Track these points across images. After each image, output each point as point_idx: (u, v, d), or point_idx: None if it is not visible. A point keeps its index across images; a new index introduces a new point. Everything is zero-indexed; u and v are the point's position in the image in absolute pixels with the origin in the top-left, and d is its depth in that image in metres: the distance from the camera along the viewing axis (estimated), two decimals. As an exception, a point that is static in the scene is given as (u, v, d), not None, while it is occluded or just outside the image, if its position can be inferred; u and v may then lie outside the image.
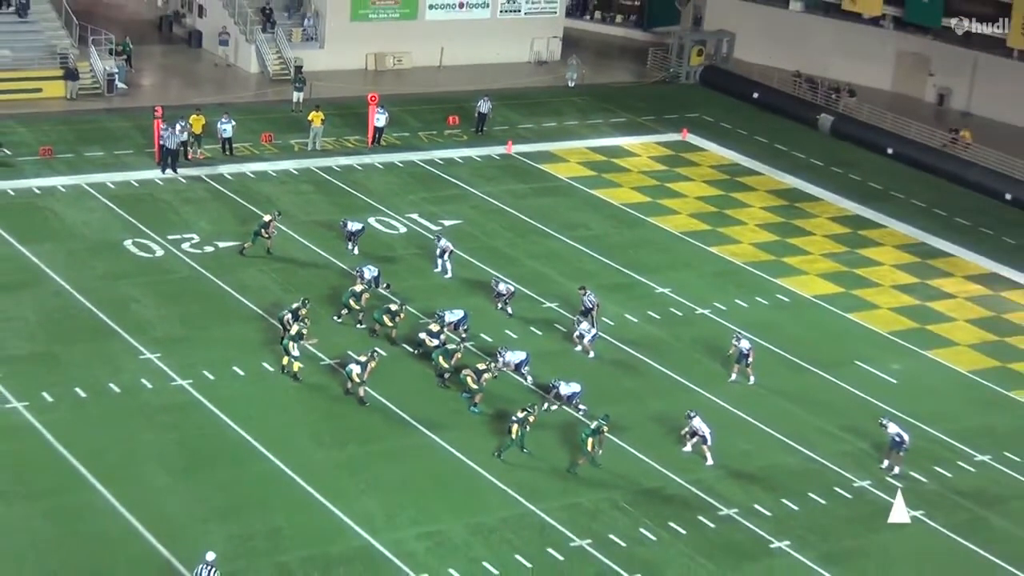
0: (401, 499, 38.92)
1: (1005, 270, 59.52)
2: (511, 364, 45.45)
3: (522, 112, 72.72)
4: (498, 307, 50.14)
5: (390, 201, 59.59)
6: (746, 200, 64.49)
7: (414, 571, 35.88)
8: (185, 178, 59.74)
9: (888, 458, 43.18)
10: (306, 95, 69.46)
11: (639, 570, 36.87)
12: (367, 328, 47.49)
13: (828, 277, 56.94)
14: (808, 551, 38.63)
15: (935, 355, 51.19)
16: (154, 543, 35.91)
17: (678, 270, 55.82)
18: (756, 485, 41.51)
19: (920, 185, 68.37)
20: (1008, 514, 41.65)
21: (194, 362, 44.89)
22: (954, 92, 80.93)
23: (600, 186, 64.29)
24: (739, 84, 79.93)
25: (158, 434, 40.98)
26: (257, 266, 52.04)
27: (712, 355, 48.83)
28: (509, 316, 49.80)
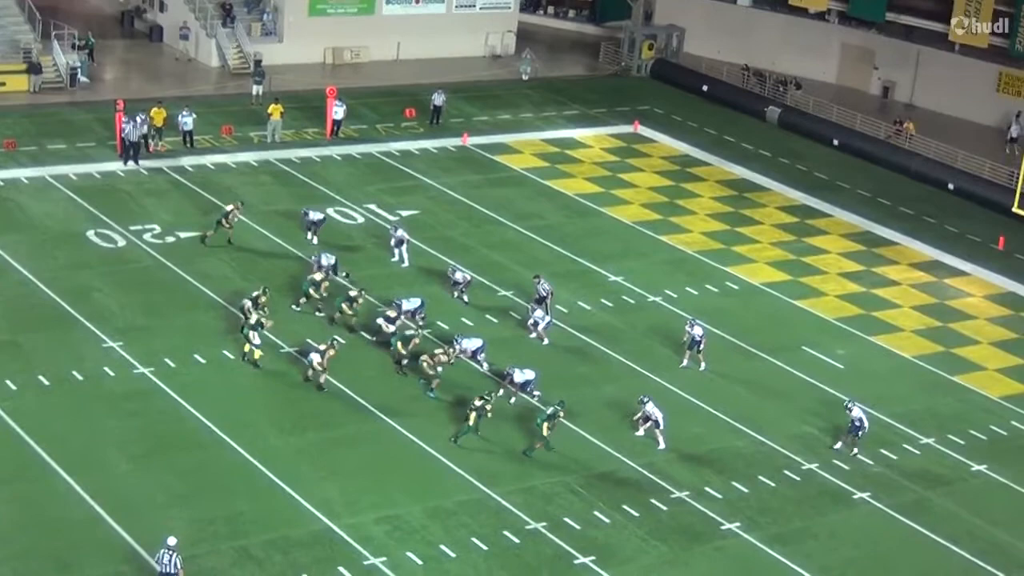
0: (360, 484, 38.78)
1: (948, 257, 59.71)
2: (468, 351, 45.22)
3: (477, 105, 72.58)
4: (454, 295, 49.96)
5: (348, 192, 59.37)
6: (696, 190, 64.51)
7: (373, 554, 35.75)
8: (147, 170, 59.39)
9: (843, 440, 43.24)
10: (265, 88, 69.19)
11: (593, 552, 36.82)
12: (326, 316, 47.24)
13: (776, 265, 57.01)
14: (757, 532, 38.65)
15: (880, 340, 51.31)
16: (116, 528, 35.66)
17: (630, 259, 55.79)
18: (707, 468, 41.51)
19: (865, 175, 68.53)
20: (951, 495, 41.78)
21: (156, 350, 44.60)
22: (898, 85, 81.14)
23: (554, 177, 64.20)
24: (689, 77, 79.94)
25: (120, 421, 40.73)
26: (218, 255, 51.79)
27: (664, 341, 48.82)
28: (465, 304, 49.64)
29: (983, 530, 39.99)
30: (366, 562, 35.48)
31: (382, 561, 35.56)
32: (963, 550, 39.01)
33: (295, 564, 35.05)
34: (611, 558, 36.76)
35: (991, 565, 38.47)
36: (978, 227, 62.82)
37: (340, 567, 35.15)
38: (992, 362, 50.50)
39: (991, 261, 59.46)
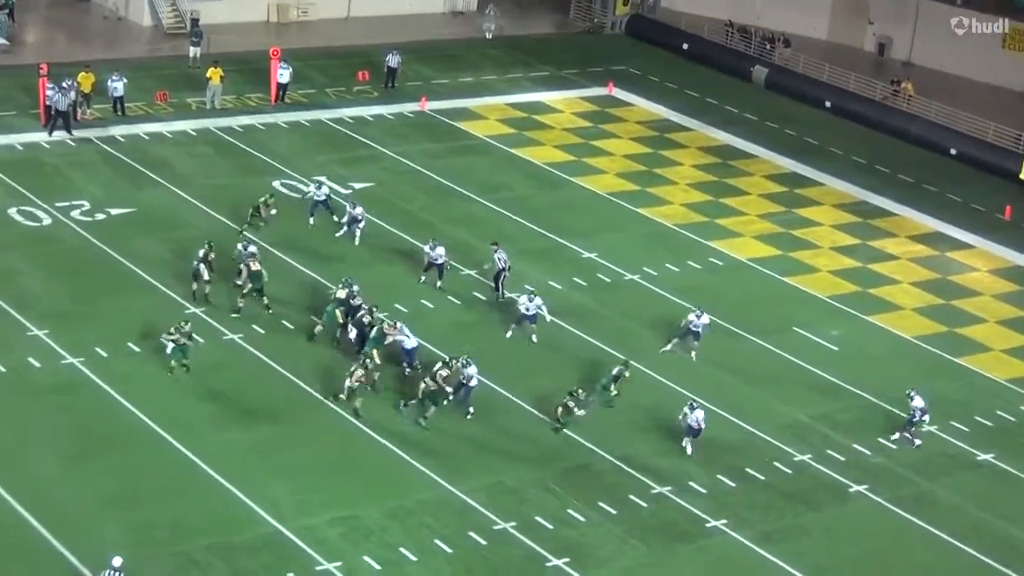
0: (312, 483, 38.81)
1: (951, 229, 60.03)
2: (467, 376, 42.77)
3: (436, 66, 72.55)
4: (422, 277, 49.86)
5: (296, 163, 59.32)
6: (676, 158, 64.67)
7: (326, 559, 35.79)
8: (74, 141, 59.21)
9: (902, 433, 43.70)
10: (204, 50, 68.98)
11: (567, 554, 36.95)
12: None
13: (764, 239, 57.23)
14: (746, 530, 38.83)
15: (878, 320, 51.57)
16: (45, 535, 35.58)
17: (605, 233, 55.89)
18: (690, 461, 41.65)
19: (860, 140, 68.80)
20: (955, 487, 42.04)
21: (86, 338, 44.53)
22: (895, 41, 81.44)
23: (521, 145, 64.27)
24: (668, 34, 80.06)
25: (48, 416, 40.68)
26: (152, 235, 51.73)
27: (641, 323, 48.96)
28: (436, 288, 49.67)
29: (990, 524, 40.25)
30: (319, 567, 35.53)
31: (336, 566, 35.62)
32: (969, 547, 39.26)
33: (241, 571, 35.08)
34: (586, 560, 36.89)
35: (999, 563, 38.75)
36: (983, 196, 63.17)
37: (290, 573, 35.16)
38: (998, 342, 50.83)
39: (997, 232, 59.83)
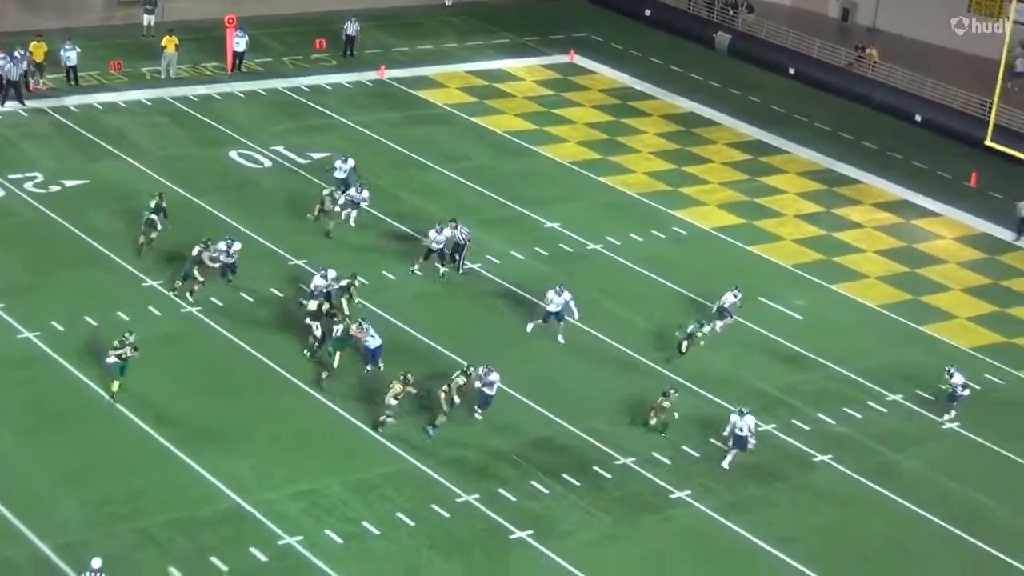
0: (273, 457, 38.88)
1: (916, 197, 60.28)
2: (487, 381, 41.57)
3: (395, 34, 72.46)
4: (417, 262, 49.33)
5: (253, 133, 59.28)
6: (639, 126, 64.80)
7: (288, 533, 35.88)
8: (26, 111, 59.05)
9: (949, 409, 44.16)
10: (158, 18, 68.70)
11: (530, 526, 37.13)
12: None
13: (728, 207, 57.41)
14: (710, 500, 39.05)
15: (843, 289, 51.83)
16: (2, 511, 35.57)
17: (567, 202, 55.99)
18: (654, 432, 41.85)
19: (824, 107, 69.00)
20: (921, 456, 42.34)
21: (41, 312, 44.48)
22: (859, 7, 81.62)
23: (482, 113, 64.30)
24: (630, 0, 79.98)
25: (3, 391, 40.64)
26: (107, 206, 51.68)
27: (604, 293, 49.12)
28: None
29: (956, 493, 40.56)
30: (280, 542, 35.63)
31: (298, 540, 35.72)
32: (935, 516, 39.54)
33: (202, 546, 35.15)
34: (550, 532, 37.08)
35: (965, 532, 39.03)
36: (948, 163, 63.43)
37: (252, 548, 35.29)
38: (964, 310, 51.13)
39: (962, 200, 60.08)
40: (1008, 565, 38.01)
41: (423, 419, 40.40)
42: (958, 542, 38.74)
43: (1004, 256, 55.86)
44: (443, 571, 35.54)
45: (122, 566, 34.09)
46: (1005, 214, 58.65)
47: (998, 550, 38.49)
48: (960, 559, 38.18)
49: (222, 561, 34.78)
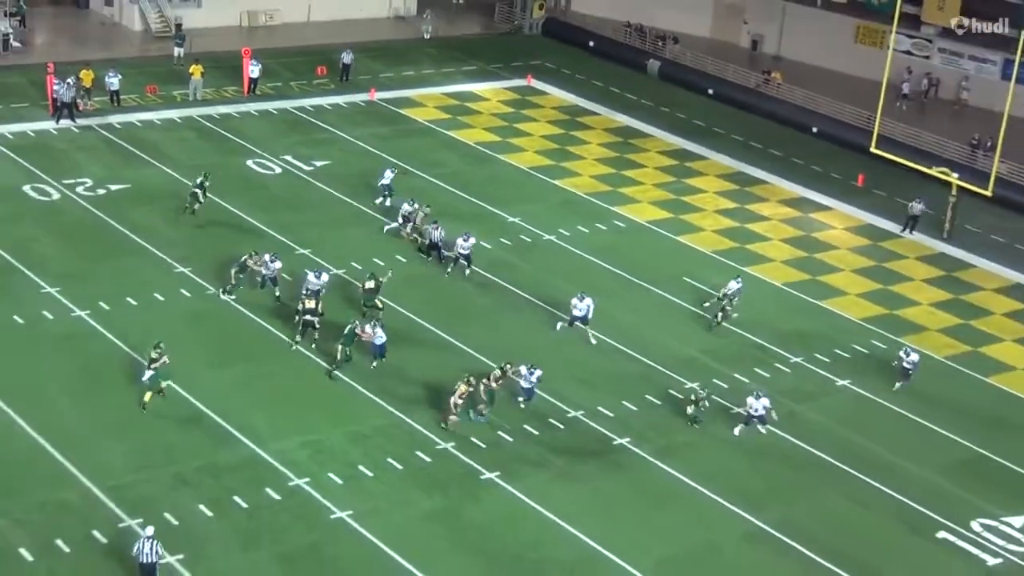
0: (284, 413, 38.79)
1: (813, 194, 60.29)
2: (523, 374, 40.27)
3: (383, 62, 72.17)
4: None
5: (266, 145, 59.00)
6: (585, 138, 64.67)
7: (297, 476, 35.84)
8: (77, 128, 58.73)
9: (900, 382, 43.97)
10: (186, 50, 68.33)
11: (498, 468, 37.11)
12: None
13: (659, 204, 57.35)
14: (646, 446, 39.07)
15: (753, 270, 51.81)
16: (59, 459, 35.52)
17: (527, 202, 55.87)
18: (599, 390, 41.84)
19: (737, 121, 68.95)
20: (819, 408, 42.41)
21: (91, 294, 44.25)
22: (766, 38, 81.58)
23: (455, 128, 64.10)
24: (577, 34, 79.85)
25: (60, 360, 40.47)
26: (146, 206, 51.48)
27: (556, 274, 49.05)
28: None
29: (847, 438, 40.65)
30: (291, 483, 35.58)
31: (306, 482, 35.68)
32: (829, 456, 39.67)
33: (227, 487, 35.10)
34: (514, 473, 37.08)
35: (853, 469, 39.18)
36: (839, 166, 63.43)
37: (268, 488, 35.23)
38: (853, 288, 51.21)
39: (851, 197, 60.10)
40: (887, 494, 38.16)
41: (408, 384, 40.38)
42: (848, 477, 38.85)
43: (886, 243, 55.91)
44: (426, 505, 35.49)
45: (161, 503, 34.10)
46: (887, 208, 58.73)
47: (879, 483, 38.62)
48: (850, 493, 38.25)
49: (243, 500, 34.73)
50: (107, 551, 32.42)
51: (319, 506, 34.93)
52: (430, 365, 41.92)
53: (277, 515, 34.41)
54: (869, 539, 36.18)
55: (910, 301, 50.62)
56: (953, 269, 53.92)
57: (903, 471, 39.33)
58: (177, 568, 31.93)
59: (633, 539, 34.99)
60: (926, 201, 56.64)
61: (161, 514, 33.68)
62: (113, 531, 33.04)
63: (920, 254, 55.03)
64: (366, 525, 34.34)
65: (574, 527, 35.15)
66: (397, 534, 34.12)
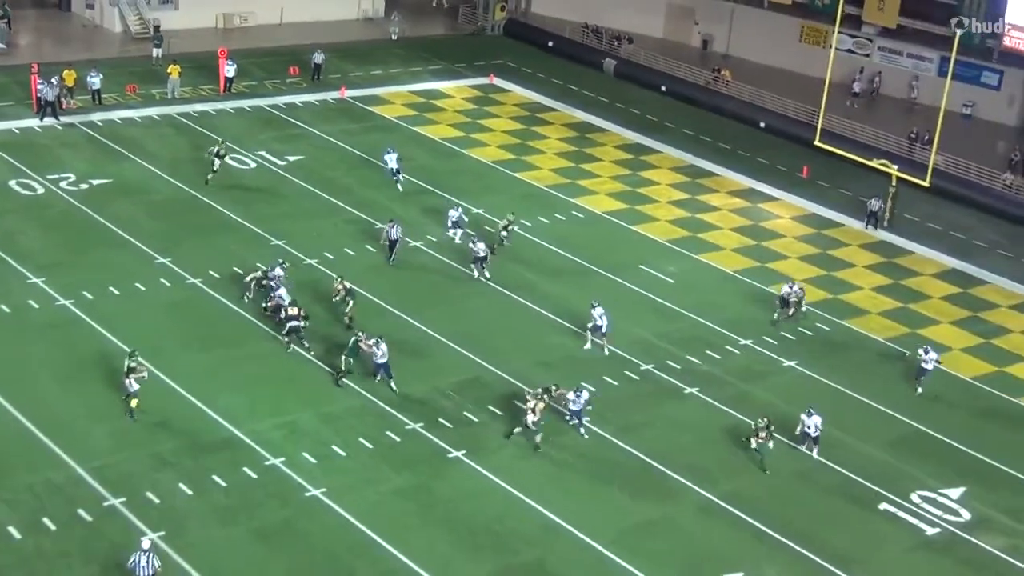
0: (259, 395, 38.65)
1: (761, 185, 60.42)
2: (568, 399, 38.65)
3: (353, 62, 71.92)
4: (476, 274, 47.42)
5: (241, 141, 58.67)
6: (545, 133, 64.61)
7: (272, 455, 35.72)
8: (61, 125, 58.34)
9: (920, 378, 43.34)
10: (164, 51, 67.98)
11: (464, 447, 37.09)
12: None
13: (615, 196, 57.35)
14: (605, 425, 39.08)
15: (705, 258, 51.90)
16: (45, 440, 35.34)
17: (490, 194, 55.78)
18: (559, 372, 41.75)
19: (689, 116, 69.02)
20: (767, 388, 42.51)
21: (75, 284, 43.98)
22: (715, 38, 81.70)
23: (421, 124, 63.94)
24: (537, 35, 79.80)
25: (45, 347, 40.22)
26: (127, 200, 51.24)
27: (517, 261, 48.98)
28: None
29: (793, 416, 40.68)
30: (267, 462, 35.45)
31: (281, 461, 35.56)
32: (777, 433, 39.65)
33: (205, 466, 34.97)
34: (480, 451, 37.05)
35: (798, 443, 39.19)
36: (785, 159, 63.57)
37: (244, 467, 35.10)
38: (799, 274, 51.21)
39: (797, 187, 60.26)
40: (832, 468, 38.30)
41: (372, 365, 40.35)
42: (794, 454, 38.93)
43: (829, 231, 56.07)
44: (396, 482, 35.44)
45: (142, 482, 33.96)
46: (831, 198, 58.91)
47: (824, 458, 38.71)
48: (796, 467, 38.36)
49: (221, 478, 34.61)
50: (91, 528, 32.27)
51: (294, 484, 34.81)
52: (399, 349, 41.79)
53: (253, 492, 34.29)
54: (815, 510, 36.31)
55: (852, 286, 50.79)
56: (893, 256, 54.12)
57: (847, 446, 39.47)
58: (158, 543, 31.74)
59: (593, 512, 35.02)
60: (866, 191, 56.86)
61: (143, 492, 33.58)
62: (98, 509, 32.89)
63: (862, 241, 55.22)
64: (339, 501, 34.25)
65: (537, 502, 35.14)
66: (369, 510, 34.05)
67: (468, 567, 32.51)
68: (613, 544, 33.78)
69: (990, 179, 61.05)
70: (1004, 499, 37.60)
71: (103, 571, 30.98)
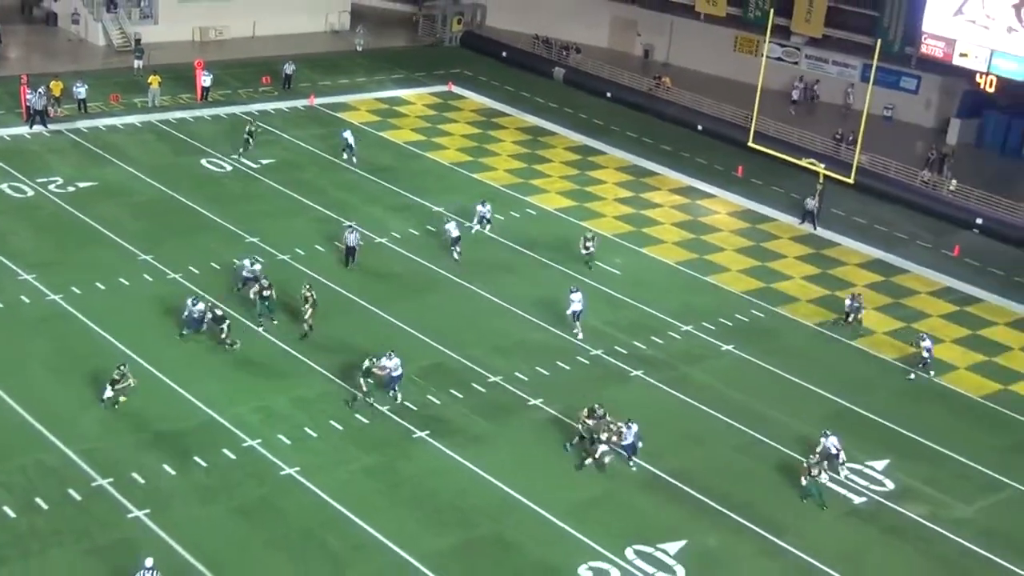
0: (237, 382, 38.53)
1: (699, 183, 60.52)
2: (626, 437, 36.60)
3: (321, 71, 71.64)
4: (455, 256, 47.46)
5: (217, 146, 58.36)
6: (500, 136, 64.56)
7: (249, 437, 35.64)
8: (49, 132, 57.87)
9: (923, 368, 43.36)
10: (145, 62, 67.53)
11: (428, 427, 37.09)
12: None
13: (565, 194, 57.37)
14: (557, 405, 39.14)
15: (649, 251, 52.00)
16: (38, 427, 35.16)
17: (450, 193, 55.67)
18: (515, 357, 41.85)
19: (632, 120, 69.09)
20: (706, 370, 42.66)
21: (63, 280, 43.69)
22: (656, 48, 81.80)
23: (385, 129, 63.77)
24: (491, 45, 79.67)
25: (37, 339, 39.97)
26: (111, 201, 50.90)
27: (475, 255, 48.96)
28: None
29: (731, 396, 40.96)
30: (244, 444, 35.37)
31: (258, 443, 35.49)
32: (715, 411, 39.97)
33: (187, 448, 34.86)
34: (442, 431, 37.07)
35: (736, 422, 39.52)
36: (722, 159, 63.69)
37: (224, 449, 35.01)
38: (735, 265, 51.52)
39: (732, 185, 60.41)
40: (767, 443, 38.50)
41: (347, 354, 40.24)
42: (733, 429, 39.17)
43: (762, 225, 56.27)
44: (365, 461, 35.41)
45: (128, 464, 33.83)
46: (763, 195, 59.10)
47: (760, 434, 38.98)
48: (735, 442, 38.57)
49: (201, 459, 34.53)
50: (81, 507, 32.15)
51: (270, 464, 34.73)
52: (363, 339, 41.76)
53: (232, 472, 34.21)
54: (752, 482, 36.49)
55: (784, 276, 51.03)
56: (821, 247, 54.41)
57: (780, 423, 39.69)
58: (144, 521, 31.66)
59: (547, 487, 35.07)
60: (796, 189, 57.10)
61: (129, 474, 33.45)
62: (87, 489, 32.77)
63: (793, 235, 55.47)
64: (312, 480, 34.19)
65: (495, 478, 35.18)
66: (340, 487, 34.01)
67: (434, 540, 32.52)
68: (566, 516, 33.86)
69: (909, 176, 61.46)
70: (924, 470, 37.92)
71: (93, 548, 30.88)
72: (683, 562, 32.69)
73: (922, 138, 68.62)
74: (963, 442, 39.64)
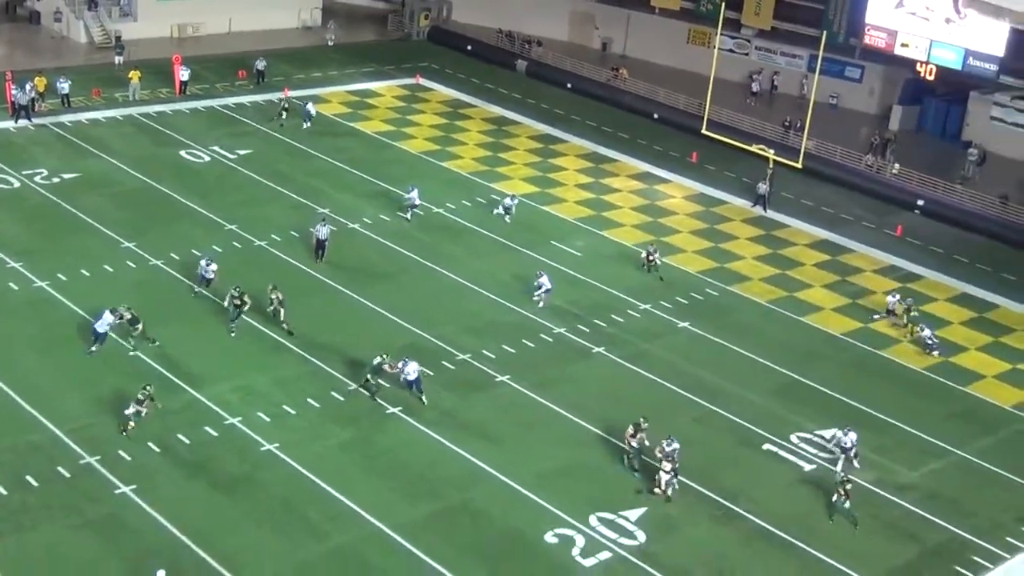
0: (217, 362, 38.39)
1: (655, 169, 60.63)
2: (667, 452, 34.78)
3: (294, 65, 71.31)
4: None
5: (196, 138, 58.07)
6: (466, 126, 64.46)
7: (230, 415, 35.56)
8: (34, 126, 57.41)
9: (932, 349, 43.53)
10: (125, 58, 67.09)
11: (400, 404, 37.08)
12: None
13: (528, 180, 57.38)
14: (523, 381, 39.23)
15: (608, 234, 52.09)
16: (27, 408, 34.96)
17: (418, 180, 55.35)
18: (483, 336, 41.88)
19: (592, 110, 69.09)
20: (664, 346, 42.78)
21: (50, 267, 43.43)
22: (614, 41, 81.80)
23: (356, 120, 63.57)
24: (457, 40, 79.46)
25: (26, 324, 39.73)
26: (95, 192, 50.57)
27: (443, 239, 48.94)
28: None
29: (688, 370, 41.13)
30: (225, 421, 35.30)
31: (239, 420, 35.42)
32: (673, 385, 40.11)
33: (171, 426, 34.76)
34: (414, 408, 37.05)
35: (693, 394, 39.69)
36: (677, 146, 63.78)
37: (206, 426, 34.93)
38: (691, 246, 51.67)
39: (687, 171, 60.52)
40: (721, 415, 38.72)
41: (323, 333, 40.10)
42: (689, 402, 39.34)
43: (716, 208, 56.44)
44: (341, 436, 35.41)
45: (115, 442, 33.69)
46: (717, 179, 59.25)
47: (715, 405, 39.18)
48: (692, 414, 38.73)
49: (185, 436, 34.44)
50: (70, 484, 32.05)
51: (250, 440, 34.68)
52: (340, 322, 41.72)
53: (214, 449, 34.14)
54: (708, 451, 36.66)
55: (736, 256, 51.21)
56: (771, 229, 54.61)
57: (734, 395, 39.89)
58: (131, 496, 31.56)
59: (514, 458, 35.16)
60: (748, 173, 57.26)
61: (115, 451, 33.34)
62: (75, 467, 32.65)
63: (744, 217, 55.66)
64: (291, 455, 34.15)
65: (464, 450, 35.25)
66: (317, 461, 33.99)
67: (407, 510, 32.55)
68: (532, 486, 33.95)
69: (854, 160, 61.76)
70: (870, 438, 38.14)
71: (84, 522, 30.79)
72: (644, 528, 32.85)
73: (866, 124, 68.93)
74: (906, 411, 39.96)
